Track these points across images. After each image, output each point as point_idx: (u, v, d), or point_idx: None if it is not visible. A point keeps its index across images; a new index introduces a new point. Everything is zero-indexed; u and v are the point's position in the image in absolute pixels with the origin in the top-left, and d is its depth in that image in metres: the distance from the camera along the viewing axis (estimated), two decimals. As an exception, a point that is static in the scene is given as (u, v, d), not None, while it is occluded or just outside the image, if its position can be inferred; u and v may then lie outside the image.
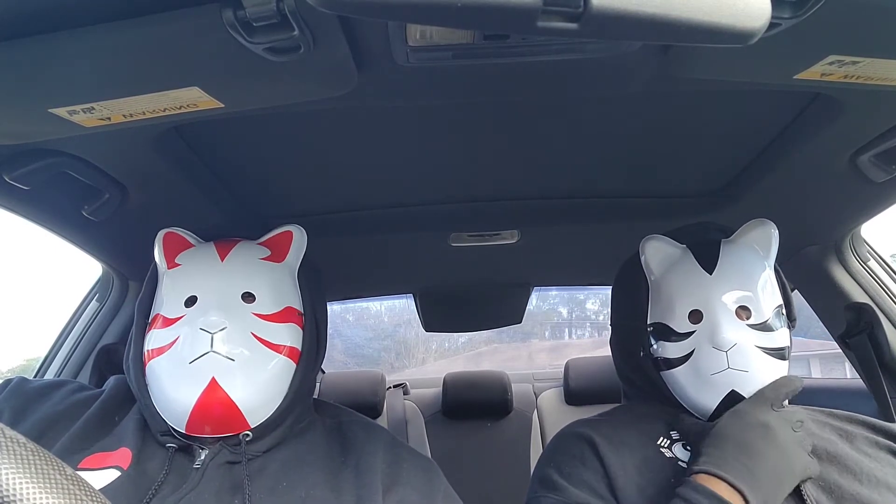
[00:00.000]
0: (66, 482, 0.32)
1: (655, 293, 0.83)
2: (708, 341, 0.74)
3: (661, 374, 0.80)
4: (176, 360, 0.68)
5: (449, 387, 1.86)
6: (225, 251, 0.77)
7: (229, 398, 0.66)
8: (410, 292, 1.69)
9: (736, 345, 0.73)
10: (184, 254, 0.79)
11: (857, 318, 1.10)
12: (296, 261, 0.81)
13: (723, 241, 0.82)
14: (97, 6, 0.45)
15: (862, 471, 0.70)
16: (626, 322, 0.88)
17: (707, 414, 0.75)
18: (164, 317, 0.72)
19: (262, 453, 0.70)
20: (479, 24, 0.40)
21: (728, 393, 0.73)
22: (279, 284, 0.77)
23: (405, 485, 0.70)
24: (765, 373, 0.73)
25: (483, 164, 0.87)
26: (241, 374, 0.67)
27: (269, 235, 0.82)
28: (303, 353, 0.75)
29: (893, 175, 0.80)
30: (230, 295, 0.72)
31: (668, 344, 0.78)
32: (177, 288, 0.74)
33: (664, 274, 0.83)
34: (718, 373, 0.73)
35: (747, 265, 0.79)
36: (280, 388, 0.72)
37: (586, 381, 1.78)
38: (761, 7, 0.38)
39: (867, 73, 0.57)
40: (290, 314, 0.75)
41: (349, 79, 0.57)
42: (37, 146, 0.66)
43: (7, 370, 2.47)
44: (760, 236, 0.81)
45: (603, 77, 0.62)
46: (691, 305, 0.78)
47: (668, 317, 0.79)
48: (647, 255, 0.85)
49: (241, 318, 0.70)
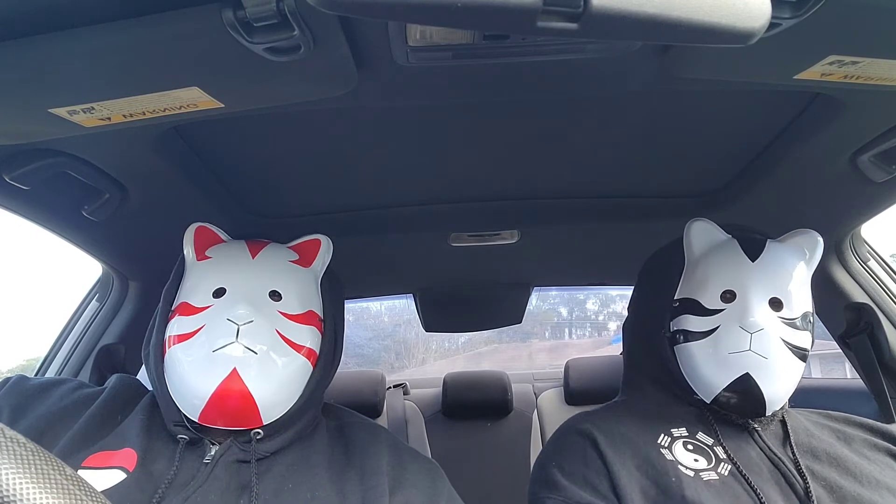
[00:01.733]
0: (67, 482, 0.32)
1: (691, 271, 0.84)
2: (736, 321, 0.75)
3: (675, 349, 0.80)
4: (199, 348, 0.68)
5: (449, 387, 1.86)
6: (256, 249, 0.79)
7: (248, 390, 0.67)
8: (410, 292, 1.69)
9: (763, 330, 0.73)
10: (215, 247, 0.80)
11: (857, 318, 1.10)
12: (321, 268, 0.83)
13: (769, 239, 0.83)
14: (97, 6, 0.45)
15: (862, 473, 0.70)
16: (650, 300, 0.88)
17: (713, 394, 0.75)
18: (190, 304, 0.73)
19: (270, 453, 0.70)
20: (479, 24, 0.40)
21: (742, 375, 0.72)
22: (305, 288, 0.78)
23: (410, 487, 0.70)
24: (783, 366, 0.73)
25: (483, 164, 0.87)
26: (262, 369, 0.68)
27: (298, 241, 0.84)
28: (320, 357, 0.76)
29: (893, 175, 0.80)
30: (259, 290, 0.73)
31: (693, 318, 0.79)
32: (207, 278, 0.75)
33: (705, 254, 0.83)
34: (738, 353, 0.73)
35: (789, 265, 0.79)
36: (296, 389, 0.73)
37: (586, 381, 1.78)
38: (761, 7, 0.38)
39: (867, 73, 0.57)
40: (312, 317, 0.77)
41: (349, 79, 0.57)
42: (37, 146, 0.66)
43: (7, 370, 2.47)
44: (807, 243, 0.82)
45: (603, 77, 0.62)
46: (726, 285, 0.78)
47: (699, 292, 0.80)
48: (693, 234, 0.86)
49: (268, 314, 0.72)
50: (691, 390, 0.78)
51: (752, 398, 0.73)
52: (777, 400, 0.74)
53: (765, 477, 0.70)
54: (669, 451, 0.74)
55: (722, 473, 0.71)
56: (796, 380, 0.75)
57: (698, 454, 0.73)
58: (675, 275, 0.84)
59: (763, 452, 0.74)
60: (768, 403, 0.73)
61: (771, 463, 0.72)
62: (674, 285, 0.84)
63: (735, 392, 0.73)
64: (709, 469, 0.71)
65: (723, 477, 0.70)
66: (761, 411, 0.74)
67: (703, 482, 0.69)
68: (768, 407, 0.73)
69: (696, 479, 0.70)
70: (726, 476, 0.70)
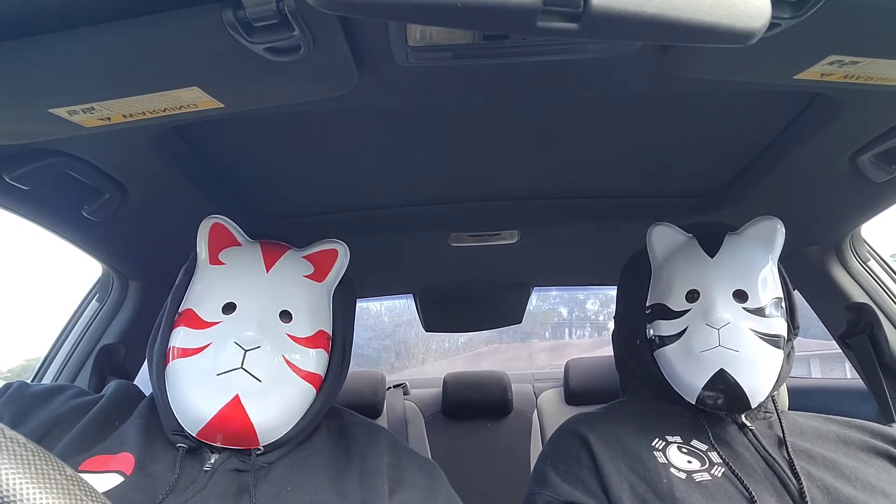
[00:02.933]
0: (67, 482, 0.32)
1: (657, 276, 0.84)
2: (702, 319, 0.75)
3: (655, 355, 0.80)
4: (203, 368, 0.67)
5: (449, 387, 1.86)
6: (271, 261, 0.76)
7: (248, 419, 0.66)
8: (410, 292, 1.69)
9: (729, 324, 0.73)
10: (229, 251, 0.77)
11: (857, 318, 1.10)
12: (335, 280, 0.80)
13: (728, 233, 0.84)
14: (97, 6, 0.45)
15: (857, 477, 0.70)
16: (627, 311, 0.89)
17: (695, 394, 0.75)
18: (197, 315, 0.71)
19: (269, 464, 0.70)
20: (479, 24, 0.40)
21: (717, 371, 0.73)
22: (316, 306, 0.76)
23: (409, 487, 0.70)
24: (755, 355, 0.73)
25: (483, 164, 0.87)
26: (265, 397, 0.67)
27: (314, 249, 0.81)
28: (325, 381, 0.75)
29: (893, 175, 0.80)
30: (269, 311, 0.72)
31: (664, 322, 0.79)
32: (217, 289, 0.73)
33: (667, 258, 0.84)
34: (708, 350, 0.74)
35: (749, 255, 0.80)
36: (297, 413, 0.72)
37: (586, 381, 1.78)
38: (761, 7, 0.38)
39: (867, 73, 0.57)
40: (320, 339, 0.75)
41: (349, 79, 0.57)
42: (37, 146, 0.66)
43: (7, 370, 2.47)
44: (766, 231, 0.82)
45: (603, 77, 0.62)
46: (689, 285, 0.79)
47: (666, 296, 0.81)
48: (653, 239, 0.86)
49: (276, 339, 0.70)
50: (677, 393, 0.79)
51: (731, 393, 0.73)
52: (759, 391, 0.73)
53: (759, 478, 0.71)
54: (663, 453, 0.74)
55: (715, 475, 0.71)
56: (775, 368, 0.75)
57: (692, 457, 0.74)
58: (644, 282, 0.85)
59: (758, 453, 0.74)
60: (750, 395, 0.73)
61: (765, 463, 0.73)
62: (644, 292, 0.85)
63: (714, 389, 0.73)
64: (702, 470, 0.71)
65: (716, 478, 0.70)
66: (746, 403, 0.74)
67: (696, 483, 0.69)
68: (751, 399, 0.73)
69: (687, 480, 0.70)
70: (719, 477, 0.70)
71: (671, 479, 0.69)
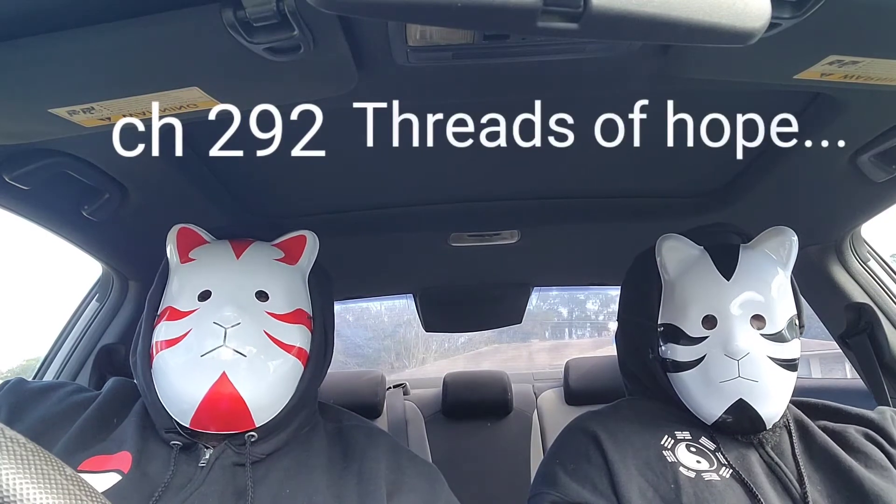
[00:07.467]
0: (66, 482, 0.32)
1: (669, 294, 0.82)
2: (720, 348, 0.74)
3: (669, 376, 0.79)
4: (187, 353, 0.67)
5: (449, 387, 1.86)
6: (240, 249, 0.77)
7: (238, 394, 0.66)
8: (410, 292, 1.69)
9: (749, 354, 0.72)
10: (198, 249, 0.79)
11: (857, 318, 1.09)
12: (308, 265, 0.81)
13: (742, 246, 0.81)
14: (97, 6, 0.45)
15: (862, 481, 0.70)
16: (635, 319, 0.87)
17: (712, 419, 0.75)
18: (176, 309, 0.72)
19: (266, 456, 0.70)
20: (479, 24, 0.40)
21: (736, 401, 0.72)
22: (291, 286, 0.77)
23: (408, 491, 0.70)
24: (774, 384, 0.73)
25: (483, 164, 0.87)
26: (252, 371, 0.67)
27: (283, 238, 0.81)
28: (311, 356, 0.75)
29: (893, 175, 0.80)
30: (245, 292, 0.72)
31: (679, 347, 0.78)
32: (191, 281, 0.74)
33: (680, 275, 0.82)
34: (728, 381, 0.73)
35: (765, 273, 0.78)
36: (288, 389, 0.72)
37: (586, 381, 1.78)
38: (761, 7, 0.38)
39: (867, 73, 0.57)
40: (300, 316, 0.75)
41: (349, 79, 0.57)
42: (37, 146, 0.66)
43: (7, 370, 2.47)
44: (780, 244, 0.80)
45: (603, 77, 0.62)
46: (706, 311, 0.77)
47: (680, 319, 0.79)
48: (664, 254, 0.83)
49: (255, 316, 0.70)
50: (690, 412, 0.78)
51: (749, 420, 0.73)
52: (774, 414, 0.74)
53: (762, 480, 0.71)
54: (672, 452, 0.74)
55: (723, 476, 0.71)
56: (790, 390, 0.75)
57: (700, 456, 0.74)
58: (654, 293, 0.83)
59: (762, 458, 0.74)
60: (767, 421, 0.73)
61: (769, 468, 0.73)
62: (655, 305, 0.82)
63: (732, 415, 0.73)
64: (710, 470, 0.72)
65: (724, 479, 0.71)
66: (761, 428, 0.74)
67: (705, 482, 0.70)
68: (768, 423, 0.74)
69: (696, 479, 0.70)
70: (727, 478, 0.71)
71: (680, 480, 0.69)
